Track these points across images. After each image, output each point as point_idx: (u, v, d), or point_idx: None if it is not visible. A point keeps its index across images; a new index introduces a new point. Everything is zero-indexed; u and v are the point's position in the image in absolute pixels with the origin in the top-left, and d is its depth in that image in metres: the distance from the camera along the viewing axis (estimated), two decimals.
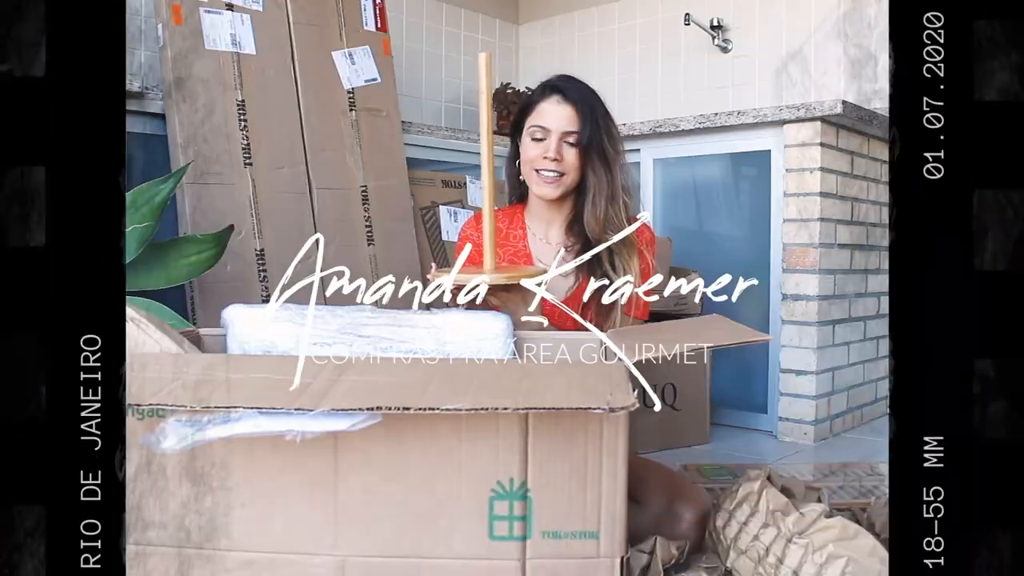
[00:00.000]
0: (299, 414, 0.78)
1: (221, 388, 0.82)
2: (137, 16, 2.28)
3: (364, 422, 0.80)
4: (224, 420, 0.81)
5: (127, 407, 0.71)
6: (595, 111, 1.41)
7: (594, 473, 0.87)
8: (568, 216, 1.46)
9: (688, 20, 2.88)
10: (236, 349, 1.05)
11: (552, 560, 0.88)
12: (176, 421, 0.81)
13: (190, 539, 0.88)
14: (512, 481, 0.87)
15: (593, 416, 0.85)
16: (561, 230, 1.47)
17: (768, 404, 2.32)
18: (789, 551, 1.00)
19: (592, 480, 0.87)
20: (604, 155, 1.41)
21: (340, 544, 0.88)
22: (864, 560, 0.96)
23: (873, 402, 2.50)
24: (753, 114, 2.27)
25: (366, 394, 0.80)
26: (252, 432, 0.80)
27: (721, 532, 1.10)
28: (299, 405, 0.78)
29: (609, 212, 1.40)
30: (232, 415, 0.80)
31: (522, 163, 1.45)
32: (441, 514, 0.87)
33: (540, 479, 0.87)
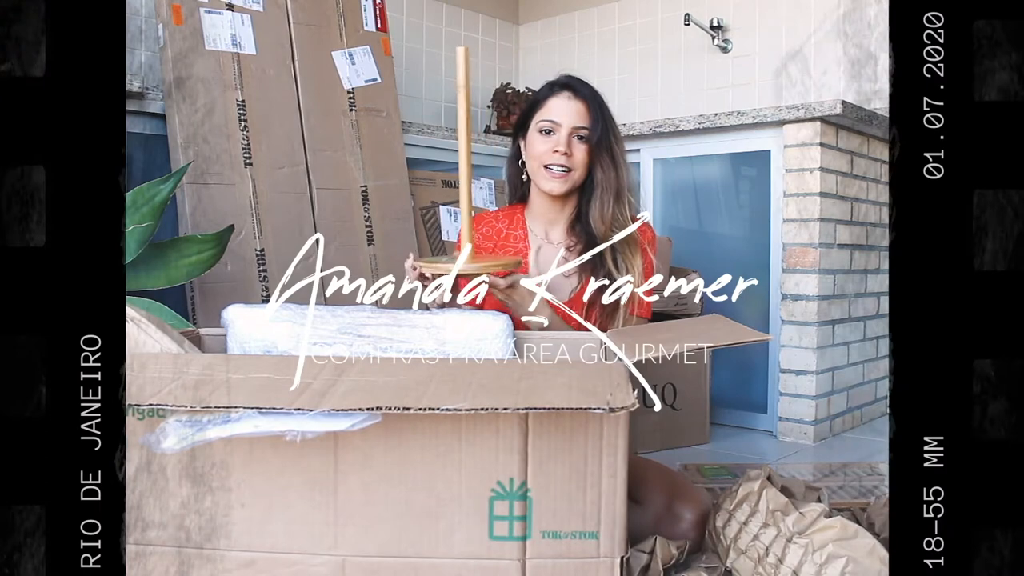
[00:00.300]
0: (299, 414, 0.78)
1: (221, 388, 0.82)
2: (137, 16, 2.28)
3: (364, 422, 0.80)
4: (224, 420, 0.81)
5: (127, 407, 0.71)
6: (604, 110, 1.43)
7: (594, 473, 0.87)
8: (571, 215, 1.47)
9: (688, 20, 2.88)
10: (236, 349, 1.05)
11: (552, 560, 0.88)
12: (176, 421, 0.82)
13: (190, 539, 0.88)
14: (512, 481, 0.87)
15: (593, 416, 0.85)
16: (563, 230, 1.48)
17: (768, 404, 2.32)
18: (789, 551, 1.00)
19: (592, 480, 0.87)
20: (612, 153, 1.42)
21: (340, 544, 0.88)
22: (864, 560, 0.96)
23: (873, 402, 2.50)
24: (753, 114, 2.27)
25: (366, 394, 0.80)
26: (252, 432, 0.80)
27: (721, 532, 1.10)
28: (299, 405, 0.78)
29: (615, 210, 1.42)
30: (232, 415, 0.80)
31: (528, 159, 1.46)
32: (441, 514, 0.87)
33: (540, 479, 0.87)
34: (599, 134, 1.40)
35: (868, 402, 2.48)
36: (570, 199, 1.46)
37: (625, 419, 0.86)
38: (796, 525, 1.01)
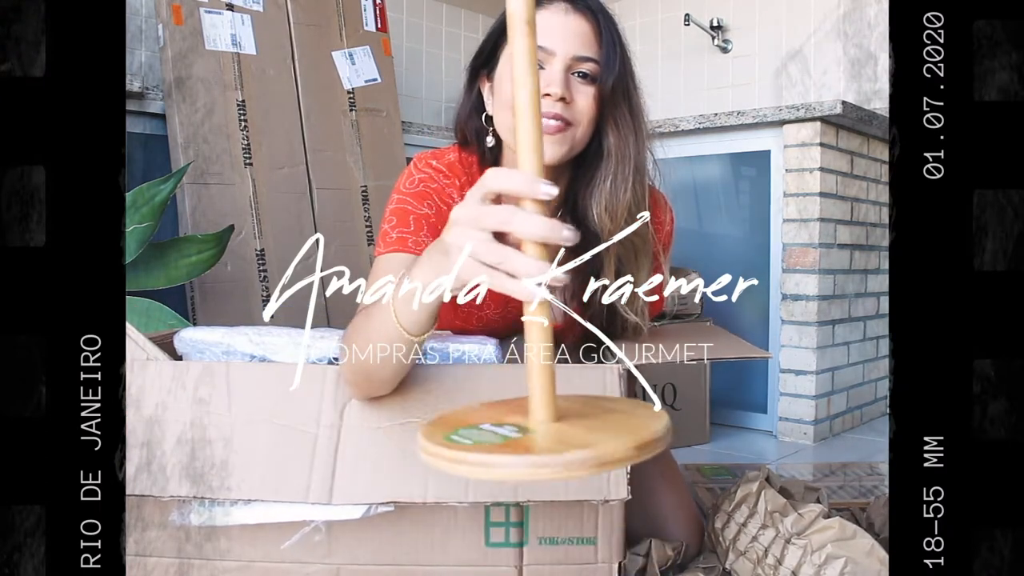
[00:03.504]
0: (315, 507, 0.79)
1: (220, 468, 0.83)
2: (137, 16, 2.28)
3: (376, 509, 0.81)
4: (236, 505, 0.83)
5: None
6: (618, 36, 0.95)
7: (591, 477, 0.87)
8: (560, 193, 0.95)
9: (688, 20, 2.88)
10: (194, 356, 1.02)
11: (549, 566, 0.87)
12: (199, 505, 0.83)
13: (190, 539, 0.88)
14: None
15: None
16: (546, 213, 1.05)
17: (768, 404, 2.32)
18: (788, 552, 1.00)
19: None
20: (631, 104, 0.95)
21: (334, 552, 0.87)
22: (863, 560, 0.96)
23: (873, 402, 2.50)
24: (753, 114, 2.27)
25: (377, 488, 0.80)
26: (267, 520, 0.82)
27: (720, 534, 1.10)
28: (314, 500, 0.78)
29: (634, 195, 0.95)
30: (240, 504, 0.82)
31: (497, 110, 0.96)
32: (436, 521, 0.87)
33: (537, 485, 0.86)
34: (615, 72, 0.92)
35: (868, 402, 2.48)
36: (562, 172, 0.98)
37: None
38: (795, 526, 1.01)
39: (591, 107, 0.92)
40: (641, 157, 0.96)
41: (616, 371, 0.88)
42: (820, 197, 2.20)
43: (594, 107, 0.93)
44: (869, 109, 2.32)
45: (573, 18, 0.92)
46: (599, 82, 0.92)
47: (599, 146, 0.95)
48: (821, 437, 2.24)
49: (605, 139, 0.94)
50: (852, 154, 2.34)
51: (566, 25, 0.92)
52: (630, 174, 0.94)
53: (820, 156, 2.19)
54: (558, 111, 0.91)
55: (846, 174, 2.31)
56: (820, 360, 2.24)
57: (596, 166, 0.95)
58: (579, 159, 0.97)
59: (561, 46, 0.91)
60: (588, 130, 0.94)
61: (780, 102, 2.79)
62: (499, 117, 0.96)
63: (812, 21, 2.77)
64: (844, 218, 2.31)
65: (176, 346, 0.99)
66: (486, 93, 1.00)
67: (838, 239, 2.29)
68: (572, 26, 0.92)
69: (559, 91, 0.90)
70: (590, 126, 0.94)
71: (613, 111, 0.93)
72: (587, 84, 0.92)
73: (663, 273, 1.08)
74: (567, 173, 0.99)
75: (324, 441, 0.82)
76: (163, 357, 0.93)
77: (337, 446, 0.82)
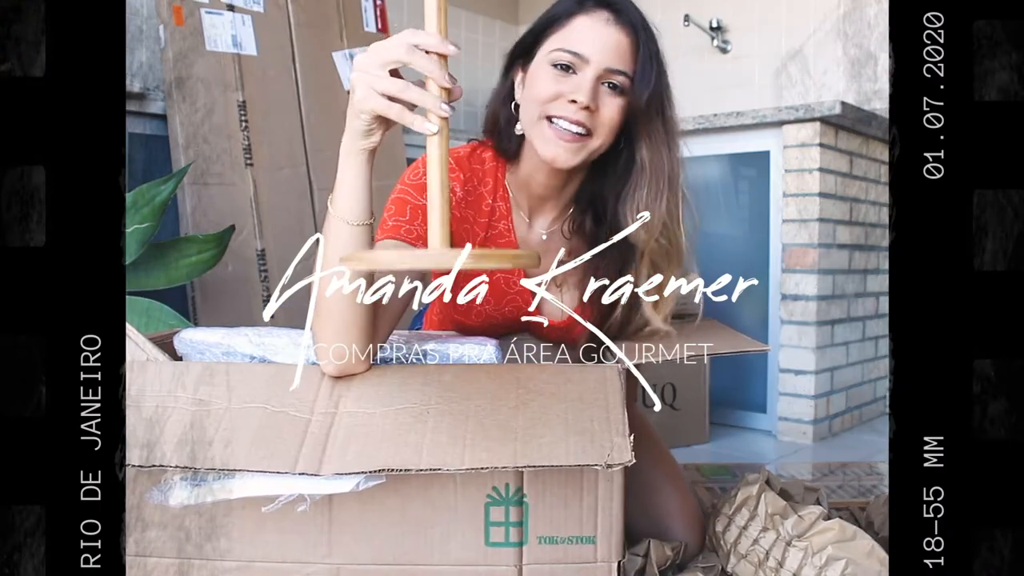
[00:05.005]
0: (303, 478, 0.78)
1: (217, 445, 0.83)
2: (137, 16, 2.27)
3: (367, 482, 0.80)
4: (228, 477, 0.82)
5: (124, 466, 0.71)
6: (657, 51, 0.97)
7: (590, 477, 0.87)
8: (568, 199, 1.03)
9: (687, 21, 2.88)
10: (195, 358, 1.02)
11: (549, 566, 0.87)
12: (181, 479, 0.83)
13: (190, 540, 0.88)
14: (508, 487, 0.86)
15: None
16: (554, 217, 1.05)
17: (767, 404, 2.32)
18: (789, 554, 1.00)
19: (588, 484, 0.87)
20: (666, 119, 0.96)
21: (335, 552, 0.87)
22: (863, 561, 0.96)
23: (872, 402, 2.50)
24: (752, 115, 2.27)
25: (367, 451, 0.79)
26: (254, 494, 0.82)
27: (721, 537, 1.10)
28: (302, 469, 0.78)
29: (671, 203, 0.97)
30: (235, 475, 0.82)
31: (525, 102, 0.97)
32: (436, 521, 0.87)
33: (536, 484, 0.86)
34: (651, 87, 0.94)
35: (867, 402, 2.48)
36: (575, 174, 1.01)
37: None
38: (795, 528, 1.01)
39: (615, 118, 0.94)
40: (675, 171, 0.98)
41: (616, 370, 0.88)
42: (820, 197, 2.20)
43: (618, 119, 0.95)
44: (869, 109, 2.32)
45: (613, 30, 0.94)
46: (632, 96, 0.94)
47: (631, 157, 0.97)
48: (820, 437, 2.24)
49: (639, 151, 0.96)
50: (852, 154, 2.34)
51: (605, 36, 0.94)
52: (664, 187, 0.96)
53: (820, 156, 2.19)
54: (581, 119, 0.93)
55: (846, 174, 2.31)
56: (819, 360, 2.24)
57: (627, 177, 0.97)
58: (608, 168, 0.99)
59: (596, 55, 0.93)
60: (608, 141, 0.96)
61: (780, 102, 2.79)
62: (524, 108, 0.98)
63: (812, 21, 2.77)
64: (844, 218, 2.31)
65: (176, 347, 0.99)
66: (518, 83, 1.02)
67: (838, 239, 2.29)
68: (610, 38, 0.94)
69: (585, 100, 0.92)
70: (611, 136, 0.96)
71: (647, 125, 0.95)
72: (615, 95, 0.94)
73: None
74: (580, 175, 1.02)
75: (317, 425, 0.82)
76: (163, 358, 0.93)
77: (330, 428, 0.82)
